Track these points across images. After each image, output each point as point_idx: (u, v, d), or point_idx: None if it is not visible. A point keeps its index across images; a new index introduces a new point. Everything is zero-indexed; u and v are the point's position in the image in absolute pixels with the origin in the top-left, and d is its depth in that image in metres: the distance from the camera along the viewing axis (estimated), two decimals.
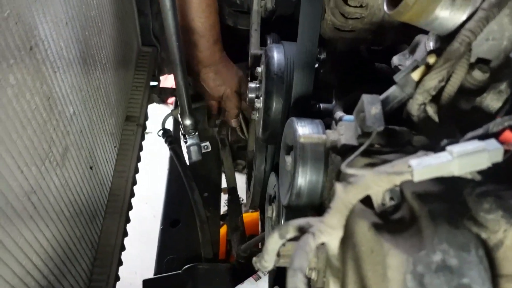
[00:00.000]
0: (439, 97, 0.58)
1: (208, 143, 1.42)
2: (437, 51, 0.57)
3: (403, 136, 0.60)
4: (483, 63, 0.58)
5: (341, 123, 0.64)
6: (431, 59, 0.56)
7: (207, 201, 1.58)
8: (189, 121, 1.32)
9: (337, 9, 0.84)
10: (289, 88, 0.91)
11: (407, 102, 0.64)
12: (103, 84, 1.28)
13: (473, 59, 0.58)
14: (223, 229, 1.71)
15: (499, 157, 0.43)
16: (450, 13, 0.54)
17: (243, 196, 1.87)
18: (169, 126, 1.75)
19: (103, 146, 1.29)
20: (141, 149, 1.58)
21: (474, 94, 0.60)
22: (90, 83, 1.16)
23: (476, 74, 0.57)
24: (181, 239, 1.56)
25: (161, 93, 1.95)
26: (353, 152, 0.54)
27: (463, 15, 0.55)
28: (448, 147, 0.43)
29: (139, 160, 1.56)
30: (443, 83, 0.56)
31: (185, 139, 1.38)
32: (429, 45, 0.63)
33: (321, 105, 0.95)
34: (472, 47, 0.55)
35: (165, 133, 1.65)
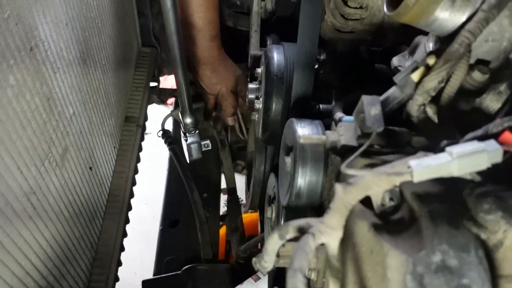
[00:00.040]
0: (438, 98, 0.58)
1: (208, 142, 1.42)
2: (436, 52, 0.57)
3: (402, 137, 0.60)
4: (483, 64, 0.58)
5: (341, 123, 0.65)
6: (430, 60, 0.56)
7: (206, 201, 1.58)
8: (189, 120, 1.32)
9: (337, 10, 0.84)
10: (289, 89, 0.91)
11: (407, 103, 0.64)
12: (103, 84, 1.28)
13: (472, 60, 0.58)
14: (222, 230, 1.71)
15: (498, 157, 0.43)
16: (450, 14, 0.54)
17: (242, 196, 1.87)
18: (169, 127, 1.76)
19: (102, 146, 1.29)
20: (140, 149, 1.58)
21: (474, 95, 0.60)
22: (90, 84, 1.16)
23: (476, 75, 0.57)
24: (181, 239, 1.56)
25: (160, 93, 1.95)
26: (353, 153, 0.54)
27: (463, 16, 0.55)
28: (447, 148, 0.43)
29: (138, 160, 1.56)
30: (443, 84, 0.56)
31: (186, 137, 1.37)
32: (428, 46, 0.63)
33: (321, 106, 0.95)
34: (471, 48, 0.55)
35: (165, 134, 1.65)
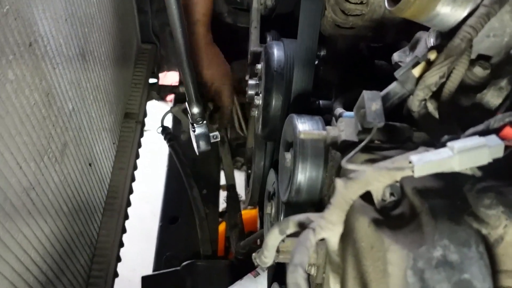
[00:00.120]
0: (439, 93, 0.58)
1: (217, 133, 1.32)
2: (438, 48, 0.57)
3: (403, 132, 0.60)
4: (484, 60, 0.58)
5: (341, 119, 0.64)
6: (432, 55, 0.56)
7: (206, 198, 1.58)
8: (197, 109, 1.24)
9: (338, 6, 0.83)
10: (289, 85, 0.91)
11: (408, 99, 0.64)
12: (102, 81, 1.27)
13: (473, 55, 0.57)
14: (222, 226, 1.71)
15: (499, 153, 0.43)
16: (451, 9, 0.54)
17: (241, 193, 1.87)
18: (168, 123, 1.75)
19: (102, 142, 1.29)
20: (139, 146, 1.58)
21: (475, 90, 0.60)
22: (89, 80, 1.16)
23: (477, 70, 0.57)
24: (180, 236, 1.56)
25: (160, 90, 1.95)
26: (353, 148, 0.54)
27: (464, 12, 0.54)
28: (448, 143, 0.43)
29: (138, 157, 1.56)
30: (444, 79, 0.56)
31: (193, 128, 1.29)
32: (429, 42, 0.63)
33: (321, 102, 0.95)
34: (473, 44, 0.55)
35: (164, 130, 1.65)
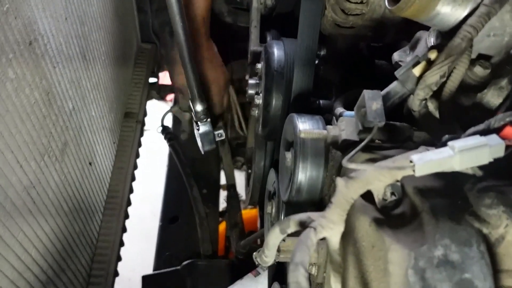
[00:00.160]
0: (440, 93, 0.58)
1: (221, 131, 1.27)
2: (438, 47, 0.57)
3: (403, 132, 0.60)
4: (484, 59, 0.58)
5: (342, 118, 0.64)
6: (432, 54, 0.56)
7: (206, 197, 1.58)
8: (200, 107, 1.19)
9: (338, 5, 0.83)
10: (289, 84, 0.91)
11: (408, 98, 0.64)
12: (103, 80, 1.27)
13: (474, 55, 0.57)
14: (222, 226, 1.71)
15: (500, 152, 0.43)
16: (451, 8, 0.54)
17: (242, 192, 1.87)
18: (168, 123, 1.75)
19: (102, 142, 1.29)
20: (140, 145, 1.58)
21: (475, 90, 0.60)
22: (89, 79, 1.16)
23: (477, 70, 0.57)
24: (180, 235, 1.56)
25: (160, 90, 1.95)
26: (354, 148, 0.54)
27: (465, 11, 0.54)
28: (449, 142, 0.43)
29: (138, 156, 1.56)
30: (444, 79, 0.56)
31: (198, 127, 1.24)
32: (430, 41, 0.63)
33: (321, 101, 0.95)
34: (473, 43, 0.55)
35: (164, 130, 1.65)
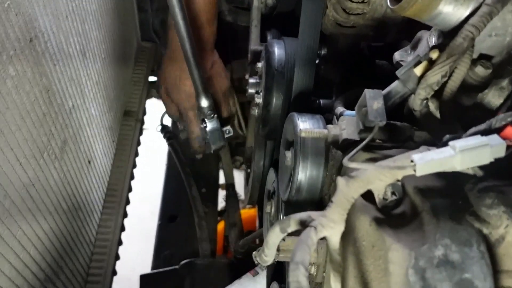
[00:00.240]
0: (441, 92, 0.58)
1: (229, 127, 1.22)
2: (439, 47, 0.57)
3: (404, 132, 0.60)
4: (486, 59, 0.58)
5: (343, 118, 0.64)
6: (434, 54, 0.56)
7: (205, 197, 1.57)
8: (206, 102, 1.13)
9: (339, 4, 0.83)
10: (290, 83, 0.91)
11: (409, 98, 0.64)
12: (102, 78, 1.27)
13: (475, 55, 0.57)
14: (220, 225, 1.71)
15: (501, 152, 0.43)
16: (453, 8, 0.54)
17: (241, 192, 1.87)
18: (167, 122, 1.75)
19: (101, 140, 1.29)
20: (139, 144, 1.58)
21: (476, 90, 0.59)
22: (89, 77, 1.16)
23: (479, 70, 0.57)
24: (179, 234, 1.56)
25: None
26: (355, 147, 0.54)
27: (467, 11, 0.54)
28: (451, 142, 0.43)
29: (137, 155, 1.56)
30: (446, 79, 0.56)
31: (205, 124, 1.18)
32: (431, 41, 0.63)
33: (321, 101, 0.95)
34: (475, 43, 0.55)
35: (164, 129, 1.64)
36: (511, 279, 0.44)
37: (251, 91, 1.08)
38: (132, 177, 1.50)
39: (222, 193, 1.79)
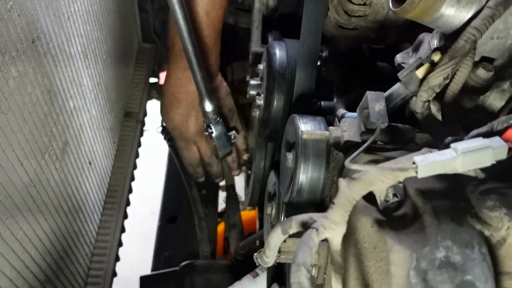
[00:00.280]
0: (442, 95, 0.58)
1: (234, 132, 1.14)
2: (441, 49, 0.57)
3: (406, 134, 0.60)
4: (487, 62, 0.58)
5: (344, 119, 0.64)
6: (436, 56, 0.56)
7: (205, 198, 1.57)
8: (210, 106, 1.03)
9: (341, 6, 0.83)
10: (291, 85, 0.91)
11: (410, 100, 0.64)
12: (103, 79, 1.27)
13: (477, 57, 0.58)
14: (220, 226, 1.71)
15: (503, 154, 0.43)
16: (455, 10, 0.54)
17: (241, 193, 1.87)
18: None
19: (102, 141, 1.29)
20: (139, 145, 1.58)
21: (478, 92, 0.60)
22: (90, 78, 1.16)
23: (480, 72, 0.57)
24: (179, 235, 1.56)
25: (160, 89, 1.95)
26: (356, 149, 0.54)
27: (469, 13, 0.54)
28: (452, 144, 0.43)
29: (137, 156, 1.56)
30: (448, 81, 0.56)
31: (210, 130, 1.08)
32: (433, 43, 0.63)
33: (322, 102, 0.95)
34: (477, 45, 0.55)
35: (164, 130, 1.64)
36: None
37: (252, 92, 1.08)
38: (133, 178, 1.50)
39: (222, 195, 1.79)
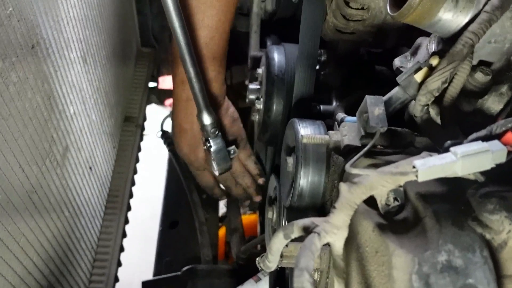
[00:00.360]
0: (441, 98, 0.58)
1: (234, 147, 1.09)
2: (439, 53, 0.58)
3: (405, 137, 0.61)
4: (485, 66, 0.58)
5: (344, 124, 0.65)
6: (434, 60, 0.56)
7: (206, 202, 1.57)
8: (209, 119, 0.99)
9: (339, 11, 0.84)
10: (290, 89, 0.91)
11: (409, 104, 0.65)
12: (103, 84, 1.28)
13: (475, 61, 0.58)
14: (221, 231, 1.71)
15: (502, 158, 0.43)
16: (453, 15, 0.54)
17: None
18: (168, 128, 1.75)
19: (102, 146, 1.29)
20: (139, 150, 1.58)
21: (476, 96, 0.60)
22: (90, 83, 1.16)
23: (478, 76, 0.57)
24: (180, 240, 1.56)
25: (159, 94, 1.96)
26: (356, 153, 0.54)
27: (466, 18, 0.55)
28: (452, 148, 0.43)
29: (137, 161, 1.56)
30: (446, 85, 0.56)
31: (209, 144, 1.04)
32: (431, 47, 0.63)
33: (321, 106, 0.95)
34: (474, 50, 0.56)
35: (164, 135, 1.64)
36: None
37: (252, 97, 1.08)
38: (133, 183, 1.50)
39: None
